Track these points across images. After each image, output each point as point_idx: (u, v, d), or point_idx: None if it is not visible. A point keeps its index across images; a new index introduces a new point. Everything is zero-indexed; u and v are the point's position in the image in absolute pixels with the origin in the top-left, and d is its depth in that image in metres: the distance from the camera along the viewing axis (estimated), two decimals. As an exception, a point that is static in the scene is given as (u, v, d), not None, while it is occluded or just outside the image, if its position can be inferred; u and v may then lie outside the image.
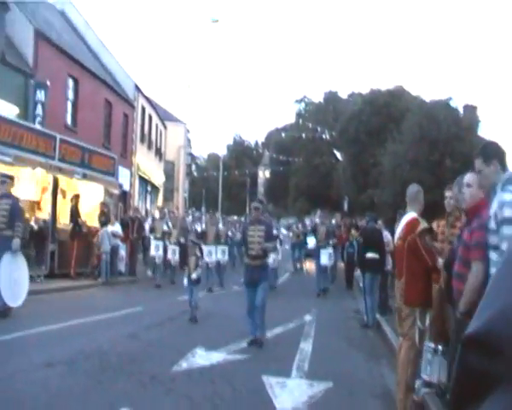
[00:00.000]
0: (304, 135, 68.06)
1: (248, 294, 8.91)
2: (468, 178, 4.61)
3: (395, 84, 37.62)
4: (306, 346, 8.57)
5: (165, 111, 47.12)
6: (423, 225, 6.17)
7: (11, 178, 11.63)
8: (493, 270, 3.71)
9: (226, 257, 17.40)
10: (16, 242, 10.09)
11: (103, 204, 17.90)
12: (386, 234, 12.08)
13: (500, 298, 0.63)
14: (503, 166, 4.08)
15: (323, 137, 66.75)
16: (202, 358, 7.43)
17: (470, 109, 45.76)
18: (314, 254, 17.16)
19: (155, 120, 38.47)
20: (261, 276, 8.92)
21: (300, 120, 70.64)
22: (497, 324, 0.61)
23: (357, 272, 15.16)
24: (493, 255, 3.78)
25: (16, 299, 10.25)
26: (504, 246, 3.60)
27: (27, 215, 14.74)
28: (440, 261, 5.58)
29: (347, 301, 15.19)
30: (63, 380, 6.04)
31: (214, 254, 16.41)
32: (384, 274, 11.60)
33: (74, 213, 16.05)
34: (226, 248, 17.45)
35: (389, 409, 5.69)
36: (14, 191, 14.37)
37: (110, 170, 18.88)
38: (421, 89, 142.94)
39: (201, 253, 11.84)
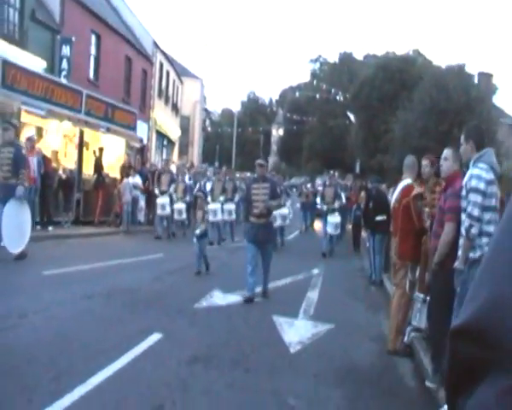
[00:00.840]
0: (318, 96, 68.16)
1: (251, 251, 8.78)
2: (446, 152, 5.49)
3: (410, 47, 37.89)
4: (313, 294, 9.56)
5: (182, 66, 47.58)
6: (417, 190, 7.08)
7: (13, 125, 11.58)
8: (463, 229, 4.64)
9: (233, 216, 17.24)
10: (20, 189, 10.09)
11: (126, 156, 18.89)
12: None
13: (485, 289, 0.63)
14: (479, 146, 4.92)
15: (338, 98, 66.97)
16: (219, 298, 8.46)
17: (485, 77, 45.86)
18: (322, 216, 16.95)
19: (172, 75, 39.06)
20: (266, 236, 8.88)
21: (315, 81, 70.51)
22: (484, 314, 0.61)
23: (364, 234, 15.54)
24: (463, 216, 4.69)
25: (16, 245, 10.06)
26: (470, 209, 4.52)
27: (55, 165, 15.78)
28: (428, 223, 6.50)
29: (354, 260, 15.75)
30: (102, 309, 7.12)
31: (220, 213, 16.42)
32: (389, 234, 12.36)
33: (98, 165, 17.02)
34: (233, 207, 17.17)
35: (382, 349, 6.65)
36: (42, 142, 15.48)
37: (131, 124, 19.81)
38: (436, 53, 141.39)
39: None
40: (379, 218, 11.84)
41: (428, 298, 5.92)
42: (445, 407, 2.60)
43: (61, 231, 15.22)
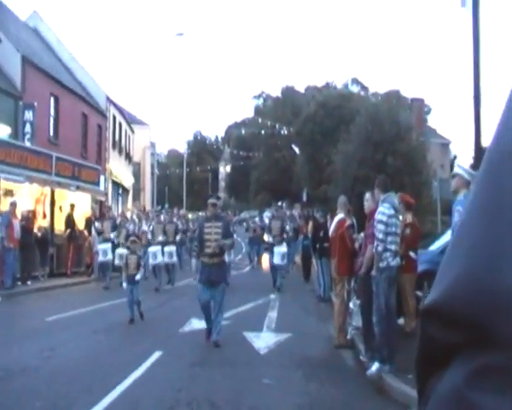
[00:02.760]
0: (263, 131, 71.02)
1: (203, 292, 8.70)
2: (367, 196, 7.65)
3: (349, 76, 40.91)
4: (272, 313, 11.52)
5: (130, 114, 49.40)
6: (348, 221, 9.24)
7: None
8: (373, 248, 6.74)
9: (174, 258, 16.79)
10: None
11: (92, 210, 20.52)
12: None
13: (452, 268, 0.62)
14: (384, 190, 7.07)
15: (282, 132, 70.05)
16: (198, 324, 10.22)
17: (418, 102, 49.56)
18: (269, 250, 16.85)
19: (124, 126, 40.86)
20: (219, 276, 8.80)
21: (260, 119, 73.46)
22: (454, 292, 0.60)
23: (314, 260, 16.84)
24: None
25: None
26: (377, 234, 6.64)
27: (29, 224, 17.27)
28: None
29: (305, 285, 17.33)
30: (108, 339, 8.87)
31: (160, 255, 16.09)
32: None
33: (71, 221, 18.60)
34: (174, 249, 16.71)
35: (329, 346, 8.65)
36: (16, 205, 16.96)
37: (95, 180, 21.48)
38: (373, 81, 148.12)
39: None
40: (326, 244, 13.86)
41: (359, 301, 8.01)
42: (373, 368, 4.86)
43: (39, 284, 16.66)
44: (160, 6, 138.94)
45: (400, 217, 8.76)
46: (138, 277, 10.64)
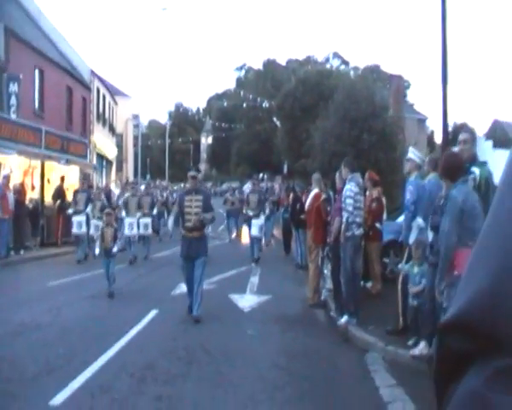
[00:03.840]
0: (245, 104, 71.59)
1: (186, 268, 8.78)
2: (337, 174, 8.71)
3: (330, 50, 41.62)
4: (254, 279, 12.62)
5: (113, 86, 49.66)
6: (323, 196, 10.30)
7: None
8: (343, 218, 7.82)
9: (149, 230, 16.79)
10: None
11: (80, 183, 21.24)
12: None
13: (476, 278, 0.64)
14: (351, 170, 8.13)
15: (263, 105, 70.73)
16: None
17: (396, 78, 50.52)
18: (247, 223, 17.05)
19: (108, 98, 41.31)
20: (199, 249, 8.71)
21: (241, 91, 73.96)
22: (475, 307, 0.62)
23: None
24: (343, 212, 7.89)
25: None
26: (345, 206, 7.71)
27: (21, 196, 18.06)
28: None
29: (286, 257, 17.63)
30: (108, 301, 9.89)
31: (136, 227, 16.10)
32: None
33: (61, 193, 19.37)
34: (149, 220, 16.74)
35: (305, 306, 9.78)
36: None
37: (84, 153, 22.23)
38: (354, 55, 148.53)
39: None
40: (302, 216, 14.90)
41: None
42: (342, 320, 6.06)
43: (31, 253, 17.54)
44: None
45: (368, 193, 9.95)
46: (115, 249, 10.48)
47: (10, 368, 6.06)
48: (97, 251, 10.83)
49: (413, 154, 7.25)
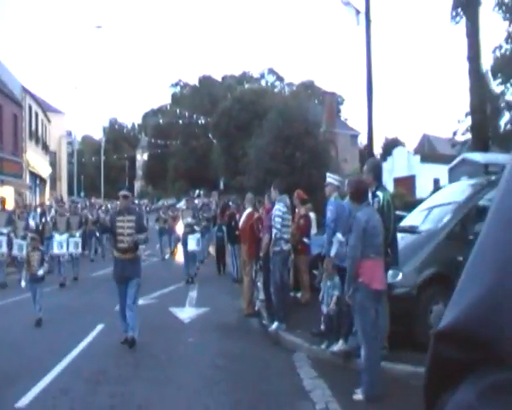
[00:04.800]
0: (180, 121, 72.14)
1: (120, 291, 8.49)
2: (266, 196, 9.70)
3: (265, 66, 42.98)
4: (192, 293, 13.35)
5: (45, 102, 49.17)
6: (256, 215, 11.27)
7: None
8: (273, 234, 8.80)
9: (79, 249, 16.40)
10: None
11: (15, 203, 21.43)
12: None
13: (471, 288, 0.63)
14: (280, 191, 9.14)
15: (199, 122, 71.56)
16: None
17: (329, 95, 52.56)
18: (182, 240, 16.85)
19: (41, 115, 41.02)
20: (133, 271, 8.43)
21: (177, 109, 74.50)
22: (470, 317, 0.61)
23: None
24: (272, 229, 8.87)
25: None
26: (274, 224, 8.70)
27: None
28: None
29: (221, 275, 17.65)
30: (55, 320, 10.44)
31: (66, 245, 15.60)
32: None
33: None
34: (79, 239, 16.41)
35: (240, 315, 10.67)
36: None
37: (19, 173, 22.36)
38: (288, 71, 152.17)
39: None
40: (237, 232, 15.73)
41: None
42: (273, 326, 7.05)
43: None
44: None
45: (296, 210, 11.00)
46: (41, 272, 10.03)
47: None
48: (23, 283, 10.38)
49: (331, 178, 8.33)
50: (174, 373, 6.90)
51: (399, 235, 7.52)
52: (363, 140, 65.16)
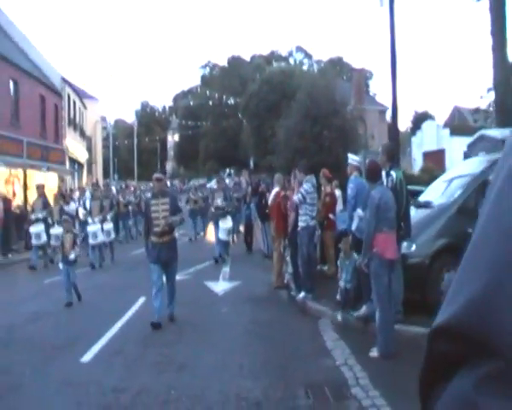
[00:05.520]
0: (210, 102, 72.98)
1: (156, 272, 8.51)
2: (292, 176, 10.44)
3: (293, 44, 43.30)
4: (226, 268, 14.22)
5: (80, 89, 50.58)
6: (283, 193, 12.02)
7: None
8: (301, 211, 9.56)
9: (112, 236, 16.91)
10: None
11: (58, 188, 22.62)
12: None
13: (466, 286, 0.63)
14: (305, 172, 9.87)
15: (229, 102, 72.29)
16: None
17: (357, 72, 52.56)
18: (213, 221, 17.11)
19: (78, 103, 42.42)
20: (170, 255, 8.56)
21: (207, 90, 75.18)
22: (468, 313, 0.61)
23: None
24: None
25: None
26: (301, 200, 9.45)
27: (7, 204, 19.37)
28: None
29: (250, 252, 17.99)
30: (102, 292, 11.46)
31: (100, 235, 15.90)
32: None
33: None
34: (111, 226, 16.84)
35: (271, 288, 11.49)
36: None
37: (62, 160, 23.58)
38: (317, 47, 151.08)
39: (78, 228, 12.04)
40: (267, 211, 16.49)
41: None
42: (300, 295, 7.93)
43: (19, 256, 18.88)
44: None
45: (322, 188, 11.70)
46: (72, 256, 10.31)
47: (40, 341, 7.70)
48: (60, 265, 10.72)
49: (351, 160, 9.07)
50: (211, 338, 7.78)
51: (415, 209, 8.21)
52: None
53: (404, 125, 77.29)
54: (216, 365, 6.58)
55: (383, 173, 7.35)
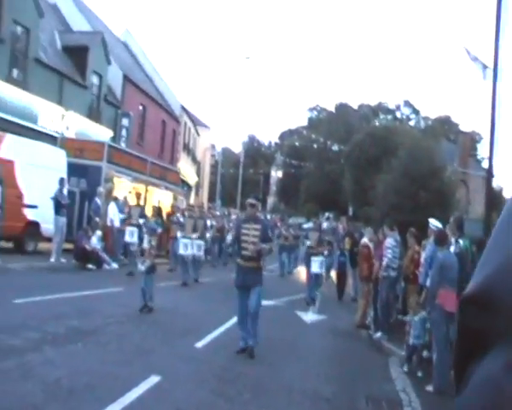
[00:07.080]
0: (315, 145, 75.07)
1: (240, 298, 8.54)
2: (380, 230, 11.91)
3: (401, 98, 44.22)
4: (316, 303, 15.67)
5: (195, 117, 54.41)
6: (365, 243, 13.42)
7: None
8: (384, 262, 11.00)
9: (202, 253, 17.33)
10: None
11: (173, 207, 25.13)
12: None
13: (494, 257, 0.64)
14: (390, 228, 11.32)
15: (333, 148, 74.11)
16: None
17: (464, 136, 52.49)
18: (305, 261, 17.39)
19: (192, 131, 46.00)
20: (254, 279, 8.43)
21: (313, 134, 77.17)
22: (494, 282, 0.61)
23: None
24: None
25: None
26: (387, 253, 10.88)
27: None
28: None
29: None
30: (196, 295, 13.39)
31: (190, 247, 16.41)
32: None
33: (160, 212, 23.12)
34: (202, 243, 17.36)
35: (353, 326, 12.88)
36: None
37: (177, 182, 26.30)
38: (423, 103, 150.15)
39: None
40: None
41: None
42: (377, 335, 9.57)
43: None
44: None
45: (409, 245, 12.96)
46: (141, 267, 10.67)
47: (152, 333, 9.49)
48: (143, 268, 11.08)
49: (431, 225, 10.44)
50: (297, 353, 9.39)
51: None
52: (499, 182, 63.62)
53: (509, 194, 74.81)
54: (300, 373, 8.15)
55: (452, 240, 8.68)
